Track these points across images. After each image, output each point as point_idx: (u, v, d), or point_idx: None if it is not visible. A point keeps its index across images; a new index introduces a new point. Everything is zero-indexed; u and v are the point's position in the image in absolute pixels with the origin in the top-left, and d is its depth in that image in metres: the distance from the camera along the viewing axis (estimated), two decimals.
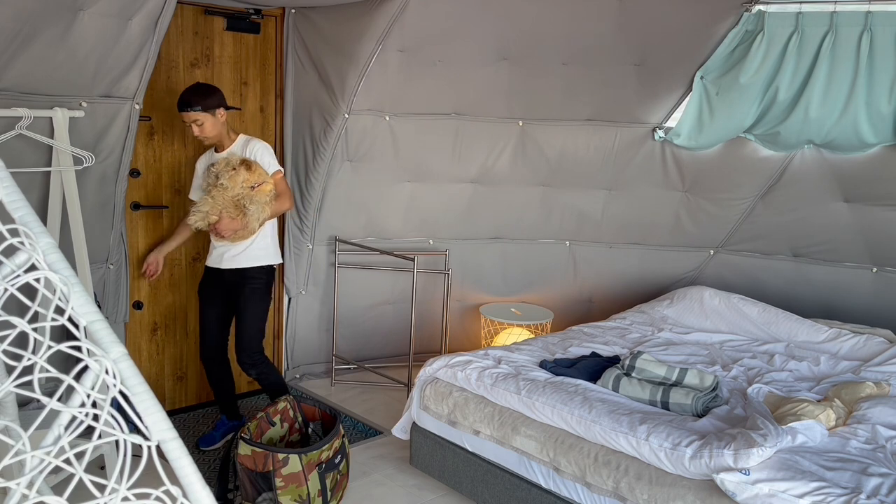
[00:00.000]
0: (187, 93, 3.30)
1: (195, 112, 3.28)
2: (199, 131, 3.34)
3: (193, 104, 3.28)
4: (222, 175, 3.25)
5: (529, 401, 2.86)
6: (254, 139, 3.45)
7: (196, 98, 3.28)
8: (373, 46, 3.78)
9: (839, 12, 3.57)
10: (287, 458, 2.84)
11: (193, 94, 3.29)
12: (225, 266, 3.42)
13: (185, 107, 3.28)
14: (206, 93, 3.32)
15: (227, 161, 3.29)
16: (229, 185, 3.24)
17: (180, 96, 3.30)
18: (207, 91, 3.33)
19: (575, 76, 4.11)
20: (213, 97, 3.32)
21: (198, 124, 3.31)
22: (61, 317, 1.10)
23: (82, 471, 1.01)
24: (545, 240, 4.66)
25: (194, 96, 3.28)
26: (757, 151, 4.09)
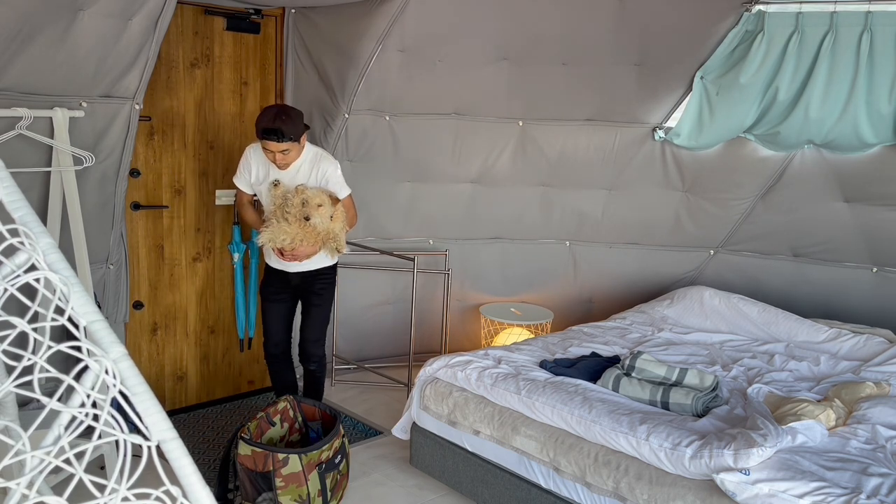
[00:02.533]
0: (277, 120, 3.02)
1: (286, 143, 3.05)
2: (283, 160, 3.13)
3: (286, 134, 3.03)
4: (311, 214, 3.10)
5: (529, 401, 2.86)
6: (323, 155, 3.27)
7: (288, 128, 3.03)
8: (373, 46, 3.78)
9: (839, 12, 3.57)
10: (287, 458, 2.84)
11: (283, 122, 3.02)
12: (295, 269, 3.37)
13: (276, 137, 3.02)
14: (295, 119, 3.09)
15: (310, 197, 3.12)
16: (317, 221, 3.13)
17: (266, 125, 3.03)
18: (296, 117, 3.10)
19: (575, 76, 4.11)
20: (300, 123, 3.11)
21: (285, 154, 3.10)
22: (61, 317, 1.10)
23: (82, 471, 1.01)
24: (545, 240, 4.66)
25: (286, 125, 3.02)
26: (757, 151, 4.09)
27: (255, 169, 3.32)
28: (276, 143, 3.05)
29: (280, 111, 3.09)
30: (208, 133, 3.90)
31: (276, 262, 3.39)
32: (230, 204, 4.04)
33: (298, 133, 3.10)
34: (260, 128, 3.07)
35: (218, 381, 4.21)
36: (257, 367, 4.37)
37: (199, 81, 3.82)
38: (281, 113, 3.08)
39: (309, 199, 3.12)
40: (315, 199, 3.12)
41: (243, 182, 3.39)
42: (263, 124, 3.06)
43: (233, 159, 4.01)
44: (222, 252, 4.07)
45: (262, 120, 3.08)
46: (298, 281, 3.42)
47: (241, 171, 3.37)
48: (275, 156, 3.13)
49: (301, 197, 3.13)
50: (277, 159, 3.14)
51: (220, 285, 4.10)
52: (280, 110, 3.10)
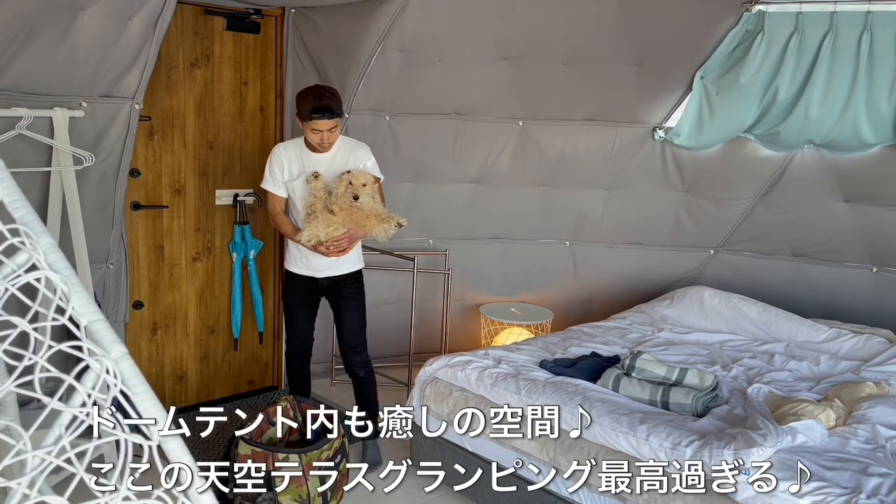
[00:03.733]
0: (325, 98, 3.04)
1: (335, 119, 3.05)
2: (330, 138, 3.11)
3: (335, 110, 3.04)
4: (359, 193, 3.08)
5: (529, 401, 2.86)
6: (356, 142, 3.30)
7: (335, 103, 3.04)
8: (373, 46, 3.78)
9: (839, 12, 3.57)
10: (287, 458, 2.84)
11: (331, 98, 3.04)
12: (324, 274, 3.32)
13: (328, 114, 3.02)
14: (336, 97, 3.10)
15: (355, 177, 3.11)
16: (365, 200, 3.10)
17: (316, 103, 3.02)
18: (336, 95, 3.11)
19: (575, 76, 4.11)
20: (340, 101, 3.14)
21: (332, 132, 3.09)
22: (62, 316, 1.10)
23: (83, 471, 1.01)
24: (545, 240, 4.66)
25: (333, 101, 3.04)
26: (757, 151, 4.09)
27: (288, 166, 3.24)
28: (328, 120, 3.02)
29: (324, 89, 3.08)
30: (208, 133, 3.90)
31: (301, 268, 3.33)
32: (230, 204, 4.04)
33: (341, 107, 3.12)
34: (308, 108, 3.03)
35: (218, 381, 4.21)
36: (257, 367, 4.37)
37: (199, 81, 3.82)
38: (326, 91, 3.07)
39: (354, 178, 3.10)
40: (360, 178, 3.10)
41: (276, 185, 3.27)
42: (313, 103, 3.02)
43: (233, 159, 4.02)
44: (222, 252, 4.07)
45: (308, 100, 3.04)
46: (327, 285, 3.36)
47: (272, 172, 3.26)
48: (322, 136, 3.08)
49: (346, 178, 3.11)
50: (325, 139, 3.09)
51: (220, 285, 4.10)
52: (324, 88, 3.09)
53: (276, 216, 3.34)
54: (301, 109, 3.08)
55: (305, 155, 3.24)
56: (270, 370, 4.44)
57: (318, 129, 3.07)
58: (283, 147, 3.28)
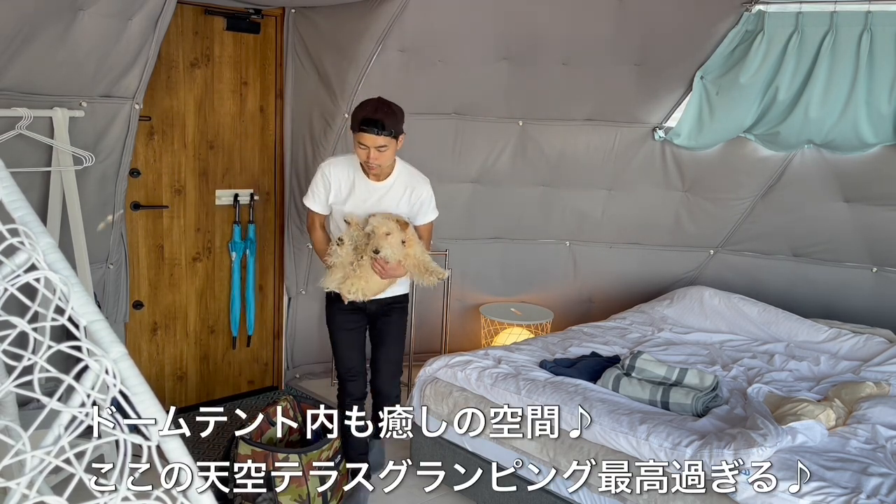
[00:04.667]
0: (378, 111, 2.80)
1: (384, 136, 2.78)
2: (377, 159, 2.83)
3: (387, 127, 2.77)
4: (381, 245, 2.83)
5: (529, 401, 2.86)
6: (418, 178, 3.02)
7: (390, 120, 2.78)
8: (373, 46, 3.78)
9: (839, 12, 3.57)
10: (287, 458, 2.84)
11: (385, 114, 2.79)
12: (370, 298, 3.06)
13: (375, 128, 2.77)
14: (397, 115, 2.85)
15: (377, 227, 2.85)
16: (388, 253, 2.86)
17: (367, 114, 2.79)
18: (398, 112, 2.85)
19: (575, 76, 4.10)
20: (401, 120, 2.86)
21: (381, 150, 2.81)
22: (61, 317, 1.10)
23: (82, 471, 1.01)
24: (545, 240, 4.66)
25: (387, 118, 2.78)
26: (757, 151, 4.09)
27: (337, 186, 2.99)
28: (375, 135, 2.77)
29: (381, 102, 2.85)
30: (208, 133, 3.90)
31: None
32: (230, 204, 4.04)
33: (398, 129, 2.83)
34: (359, 118, 2.81)
35: (218, 381, 4.21)
36: (257, 366, 4.37)
37: (199, 81, 3.82)
38: (382, 104, 2.84)
39: (375, 228, 2.86)
40: (381, 227, 2.85)
41: (318, 202, 3.05)
42: (364, 114, 2.80)
43: (233, 159, 4.02)
44: (222, 252, 4.07)
45: (361, 110, 2.84)
46: (374, 310, 3.13)
47: (316, 190, 3.03)
48: (369, 152, 2.82)
49: (367, 229, 2.88)
50: (371, 157, 2.82)
51: (220, 285, 4.10)
52: (381, 102, 2.86)
53: (311, 228, 3.14)
54: (353, 117, 2.85)
55: (359, 178, 2.97)
56: (270, 371, 4.44)
57: (365, 145, 2.81)
58: (333, 165, 3.01)
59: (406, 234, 2.92)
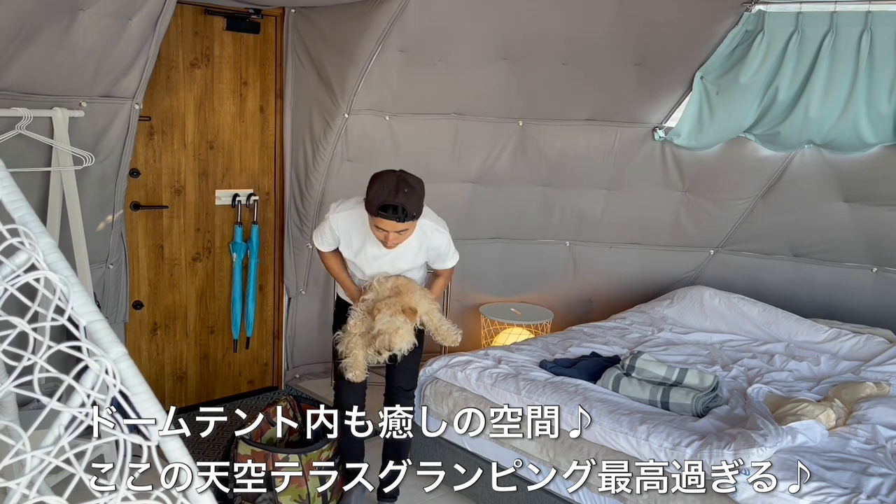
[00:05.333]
0: (399, 194, 2.47)
1: (408, 223, 2.52)
2: (397, 240, 2.58)
3: (410, 212, 2.50)
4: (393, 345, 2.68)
5: (529, 401, 2.86)
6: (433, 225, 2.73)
7: (412, 203, 2.49)
8: (373, 46, 3.78)
9: (839, 12, 3.57)
10: (287, 458, 2.84)
11: (406, 196, 2.48)
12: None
13: (396, 216, 2.48)
14: (417, 192, 2.54)
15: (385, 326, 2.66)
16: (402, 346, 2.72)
17: (385, 199, 2.47)
18: (417, 189, 2.55)
19: (575, 76, 4.10)
20: (423, 195, 2.57)
21: (403, 233, 2.58)
22: (61, 317, 1.10)
23: (82, 471, 1.01)
24: (545, 240, 4.66)
25: (409, 201, 2.48)
26: (757, 151, 4.09)
27: (347, 239, 2.79)
28: (396, 222, 2.49)
29: (401, 181, 2.50)
30: (208, 133, 3.90)
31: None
32: (230, 204, 4.04)
33: (421, 208, 2.55)
34: (376, 202, 2.49)
35: (218, 381, 4.21)
36: (257, 367, 4.37)
37: (199, 81, 3.82)
38: (402, 183, 2.50)
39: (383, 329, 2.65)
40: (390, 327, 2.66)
41: (327, 245, 2.86)
42: (382, 198, 2.47)
43: (233, 159, 4.02)
44: (222, 252, 4.07)
45: (378, 192, 2.50)
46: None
47: (323, 235, 2.84)
48: (387, 235, 2.55)
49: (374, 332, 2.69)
50: (390, 239, 2.57)
51: (220, 285, 4.10)
52: (401, 180, 2.51)
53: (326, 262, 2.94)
54: (368, 197, 2.54)
55: (370, 238, 2.72)
56: (270, 371, 4.44)
57: (384, 229, 2.55)
58: (341, 218, 2.76)
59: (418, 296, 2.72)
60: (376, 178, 2.57)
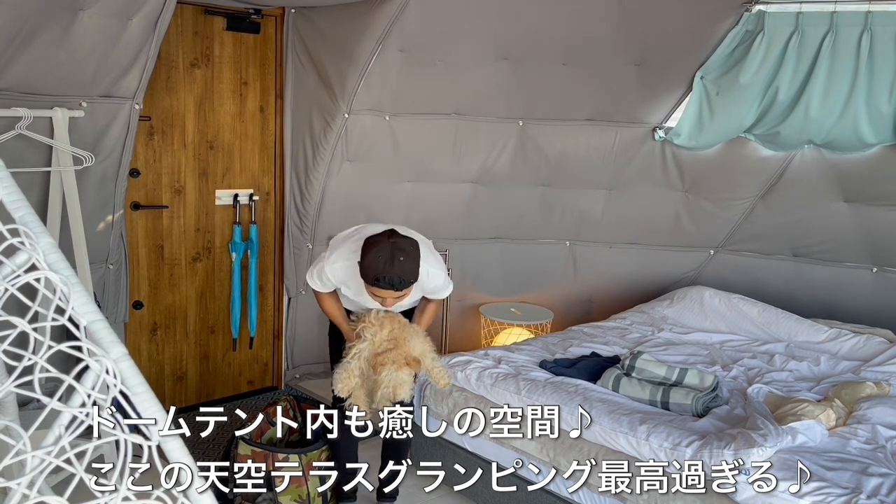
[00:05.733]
0: (394, 264, 2.38)
1: (406, 289, 2.46)
2: (396, 303, 2.54)
3: (407, 280, 2.42)
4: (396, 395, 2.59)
5: (529, 401, 2.86)
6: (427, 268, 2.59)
7: (408, 269, 2.41)
8: (373, 46, 3.78)
9: (839, 12, 3.57)
10: (287, 458, 2.84)
11: (402, 265, 2.39)
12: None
13: (398, 286, 2.42)
14: (412, 257, 2.45)
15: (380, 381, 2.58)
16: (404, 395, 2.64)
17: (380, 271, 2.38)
18: (412, 254, 2.45)
19: (575, 76, 4.10)
20: (418, 257, 2.48)
21: (400, 298, 2.52)
22: (61, 317, 1.10)
23: (83, 471, 1.01)
24: (545, 240, 4.66)
25: (405, 269, 2.40)
26: (757, 151, 4.09)
27: (345, 285, 2.72)
28: (395, 291, 2.43)
29: (395, 249, 2.38)
30: (208, 133, 3.90)
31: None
32: (230, 204, 4.04)
33: (417, 271, 2.44)
34: (371, 275, 2.40)
35: (218, 381, 4.21)
36: (257, 367, 4.37)
37: (199, 81, 3.82)
38: (397, 251, 2.38)
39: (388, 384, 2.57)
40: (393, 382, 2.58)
41: (323, 287, 2.77)
42: (377, 271, 2.38)
43: (233, 159, 4.02)
44: (222, 252, 4.07)
45: (373, 263, 2.39)
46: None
47: (322, 280, 2.73)
48: (385, 300, 2.51)
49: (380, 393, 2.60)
50: (388, 304, 2.54)
51: (220, 285, 4.10)
52: (395, 248, 2.39)
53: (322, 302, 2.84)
54: (362, 267, 2.44)
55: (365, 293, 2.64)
56: (270, 371, 4.44)
57: (381, 296, 2.50)
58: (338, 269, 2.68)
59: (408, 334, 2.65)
60: (369, 246, 2.45)
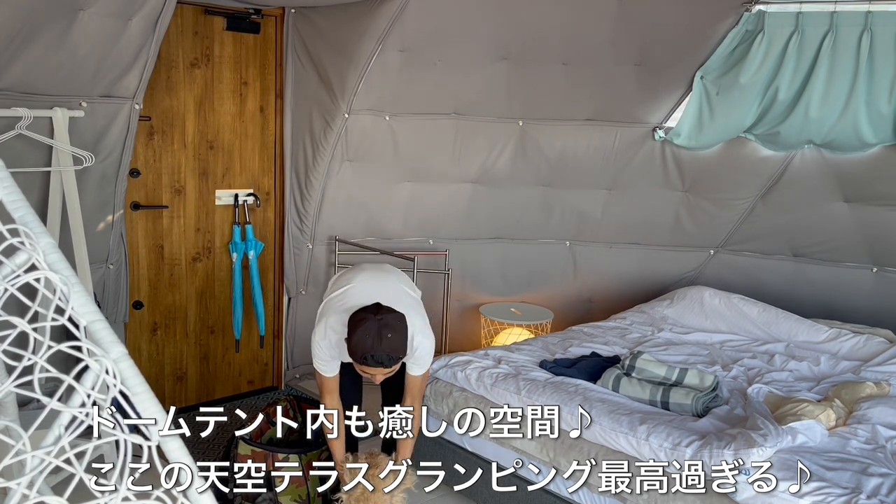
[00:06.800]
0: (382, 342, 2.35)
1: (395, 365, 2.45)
2: (386, 376, 2.50)
3: (395, 357, 2.41)
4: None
5: (529, 401, 2.86)
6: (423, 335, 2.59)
7: (396, 346, 2.39)
8: (373, 46, 3.78)
9: (839, 12, 3.57)
10: (287, 458, 2.84)
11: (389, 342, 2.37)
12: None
13: (389, 362, 2.40)
14: (400, 332, 2.41)
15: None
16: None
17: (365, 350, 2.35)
18: (399, 329, 2.42)
19: (575, 76, 4.10)
20: (405, 331, 2.45)
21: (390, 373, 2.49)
22: (61, 317, 1.10)
23: (82, 471, 1.01)
24: (545, 240, 4.66)
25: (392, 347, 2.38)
26: (757, 151, 4.09)
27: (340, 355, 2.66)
28: (384, 369, 2.41)
29: (382, 327, 2.36)
30: (208, 133, 3.90)
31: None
32: (230, 204, 4.04)
33: (405, 346, 2.43)
34: (359, 354, 2.37)
35: (218, 381, 4.21)
36: (257, 367, 4.37)
37: (199, 81, 3.82)
38: (384, 330, 2.35)
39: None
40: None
41: (332, 370, 2.70)
42: (365, 349, 2.35)
43: (233, 159, 4.02)
44: (222, 252, 4.07)
45: (360, 342, 2.36)
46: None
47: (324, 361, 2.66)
48: (374, 376, 2.49)
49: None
50: (377, 379, 2.52)
51: (220, 285, 4.10)
52: (382, 326, 2.36)
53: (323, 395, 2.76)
54: (350, 342, 2.41)
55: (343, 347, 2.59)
56: (270, 371, 4.44)
57: (370, 373, 2.49)
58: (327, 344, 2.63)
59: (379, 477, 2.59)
60: (355, 324, 2.41)
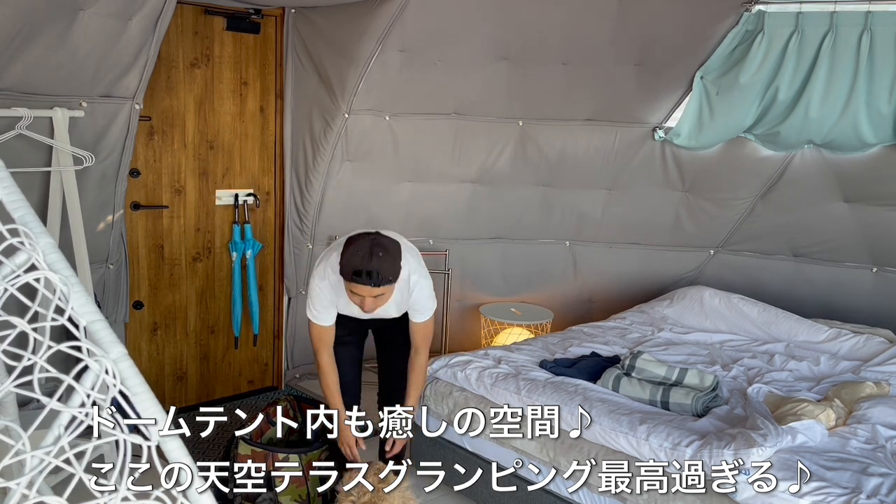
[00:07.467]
0: (372, 259, 2.38)
1: (384, 286, 2.44)
2: (374, 304, 2.49)
3: (385, 277, 2.41)
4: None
5: (529, 401, 2.86)
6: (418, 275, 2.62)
7: (387, 267, 2.40)
8: (373, 46, 3.78)
9: (839, 12, 3.57)
10: (287, 458, 2.84)
11: (381, 260, 2.39)
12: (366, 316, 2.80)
13: (371, 281, 2.39)
14: (393, 255, 2.44)
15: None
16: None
17: (358, 265, 2.38)
18: (393, 252, 2.45)
19: (575, 76, 4.10)
20: (399, 257, 2.48)
21: (379, 298, 2.49)
22: (61, 317, 1.10)
23: (82, 471, 1.01)
24: (545, 240, 4.66)
25: (384, 264, 2.39)
26: (757, 151, 4.09)
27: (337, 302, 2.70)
28: (371, 287, 2.41)
29: (374, 245, 2.41)
30: (208, 133, 3.90)
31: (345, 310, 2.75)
32: (230, 204, 4.04)
33: (397, 271, 2.45)
34: (350, 269, 2.41)
35: (218, 381, 4.21)
36: (257, 366, 4.37)
37: (199, 81, 3.82)
38: (376, 247, 2.41)
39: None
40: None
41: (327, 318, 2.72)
42: (355, 264, 2.39)
43: (233, 159, 4.02)
44: (222, 252, 4.07)
45: (352, 257, 2.41)
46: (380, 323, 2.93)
47: (315, 307, 2.69)
48: (363, 300, 2.48)
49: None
50: (366, 305, 2.49)
51: (220, 285, 4.10)
52: (374, 244, 2.41)
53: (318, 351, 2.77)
54: (342, 262, 2.45)
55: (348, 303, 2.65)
56: (270, 370, 4.44)
57: (359, 294, 2.47)
58: (326, 286, 2.64)
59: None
60: (350, 242, 2.48)
